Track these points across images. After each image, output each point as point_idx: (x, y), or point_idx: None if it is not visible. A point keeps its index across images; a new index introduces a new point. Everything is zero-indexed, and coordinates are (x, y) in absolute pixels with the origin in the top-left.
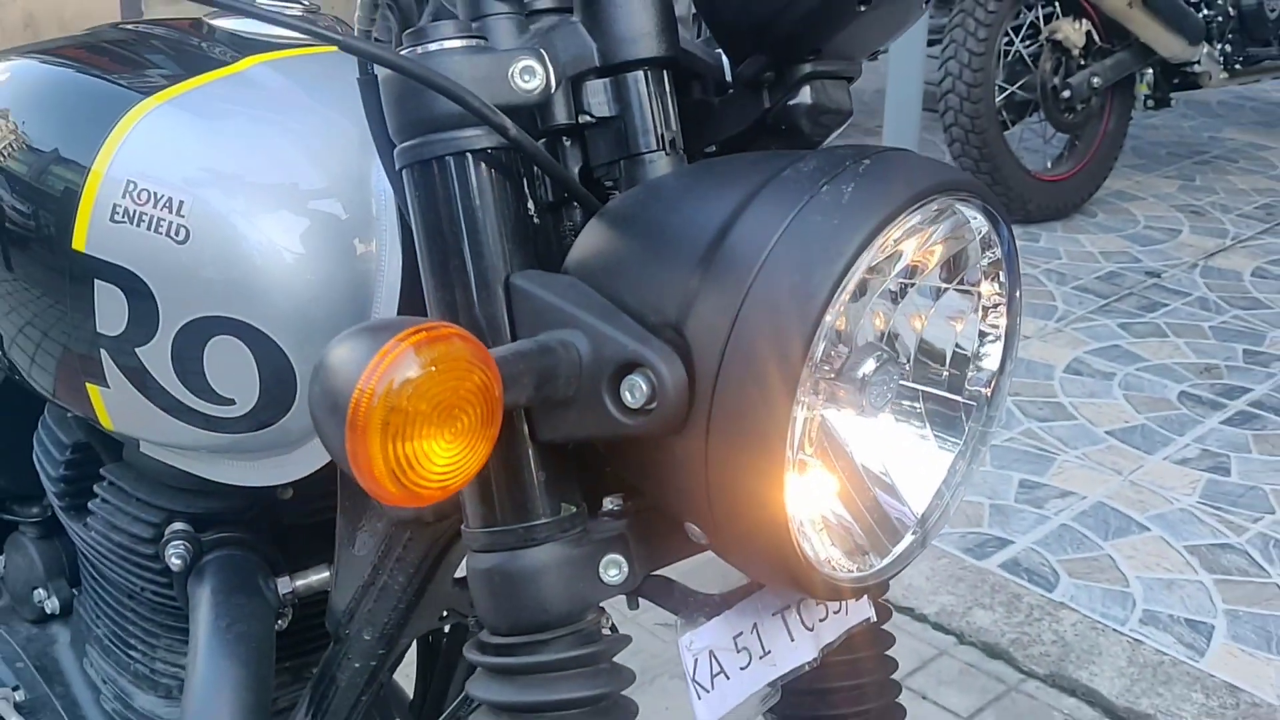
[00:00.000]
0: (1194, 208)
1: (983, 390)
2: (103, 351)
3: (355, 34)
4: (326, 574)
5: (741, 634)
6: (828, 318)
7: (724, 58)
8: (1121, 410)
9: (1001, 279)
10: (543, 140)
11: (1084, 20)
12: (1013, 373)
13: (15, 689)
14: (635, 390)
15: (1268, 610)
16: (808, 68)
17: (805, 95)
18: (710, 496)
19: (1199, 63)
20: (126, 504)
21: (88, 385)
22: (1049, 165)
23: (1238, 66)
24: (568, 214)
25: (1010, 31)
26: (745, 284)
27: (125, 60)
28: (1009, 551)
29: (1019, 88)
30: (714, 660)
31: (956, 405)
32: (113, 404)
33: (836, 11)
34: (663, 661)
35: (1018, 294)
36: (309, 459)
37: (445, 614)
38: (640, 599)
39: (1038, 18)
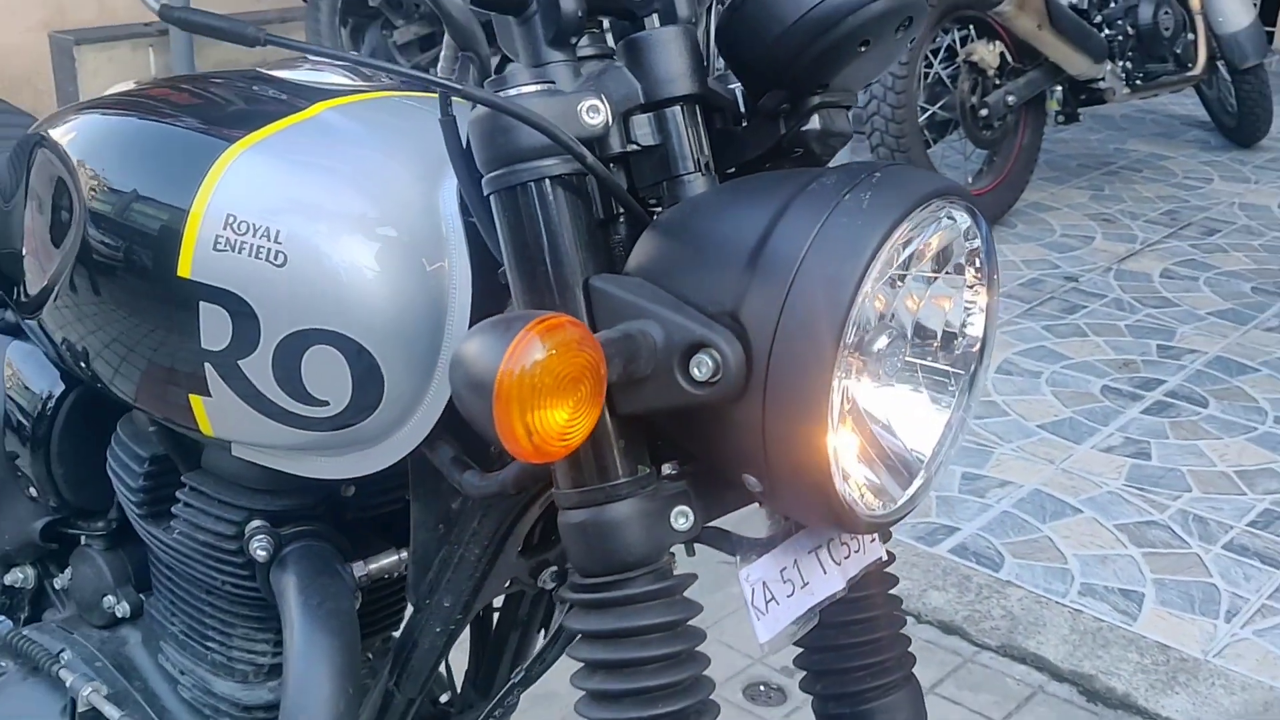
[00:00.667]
0: (1105, 216)
1: (971, 356)
2: (207, 365)
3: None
4: (394, 558)
5: (785, 568)
6: (856, 303)
7: (738, 93)
8: (1050, 405)
9: (979, 263)
10: None
11: (997, 42)
12: (994, 341)
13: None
14: (702, 367)
15: (1190, 577)
16: (816, 99)
17: (815, 122)
18: (767, 452)
19: (1103, 79)
20: (209, 506)
21: (190, 396)
22: (970, 180)
23: (1138, 82)
24: (614, 227)
25: (929, 55)
26: (788, 277)
27: (204, 111)
28: (957, 538)
29: (939, 108)
30: (766, 589)
31: (947, 372)
32: (214, 412)
33: (842, 53)
34: None
35: (995, 276)
36: (387, 453)
37: (510, 583)
38: (697, 545)
39: (954, 41)
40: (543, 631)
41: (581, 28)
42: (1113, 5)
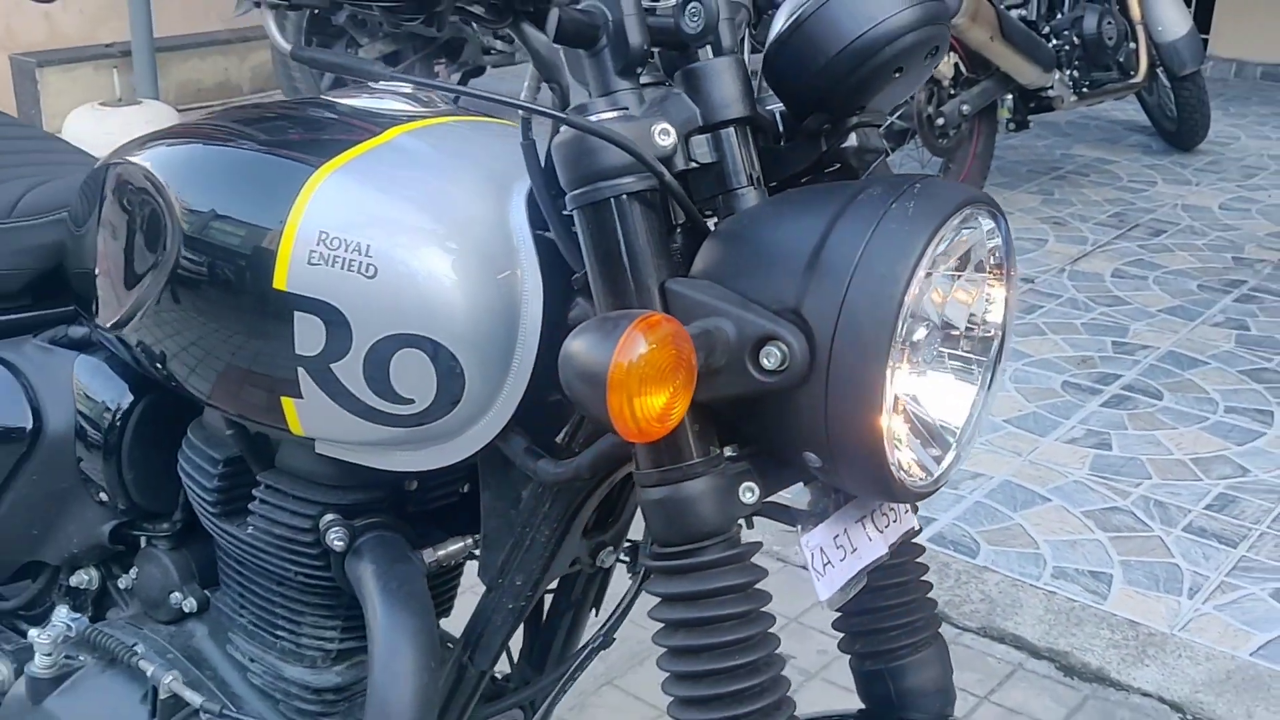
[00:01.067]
0: (1056, 219)
1: (991, 343)
2: (300, 369)
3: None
4: (460, 545)
5: (838, 535)
6: (907, 299)
7: (776, 114)
8: (1015, 401)
9: (998, 258)
10: None
11: (952, 54)
12: (1012, 329)
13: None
14: (771, 357)
15: (1154, 558)
16: (854, 120)
17: (852, 140)
18: (829, 432)
19: (1052, 88)
20: (285, 502)
21: (282, 399)
22: None
23: (1085, 90)
24: (672, 237)
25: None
26: (846, 277)
27: (286, 138)
28: (934, 528)
29: (897, 117)
30: (823, 554)
31: (970, 359)
32: (305, 412)
33: (879, 79)
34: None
35: (1013, 272)
36: (464, 447)
37: (574, 562)
38: (756, 517)
39: None
40: (594, 611)
41: (645, 60)
42: (1060, 17)
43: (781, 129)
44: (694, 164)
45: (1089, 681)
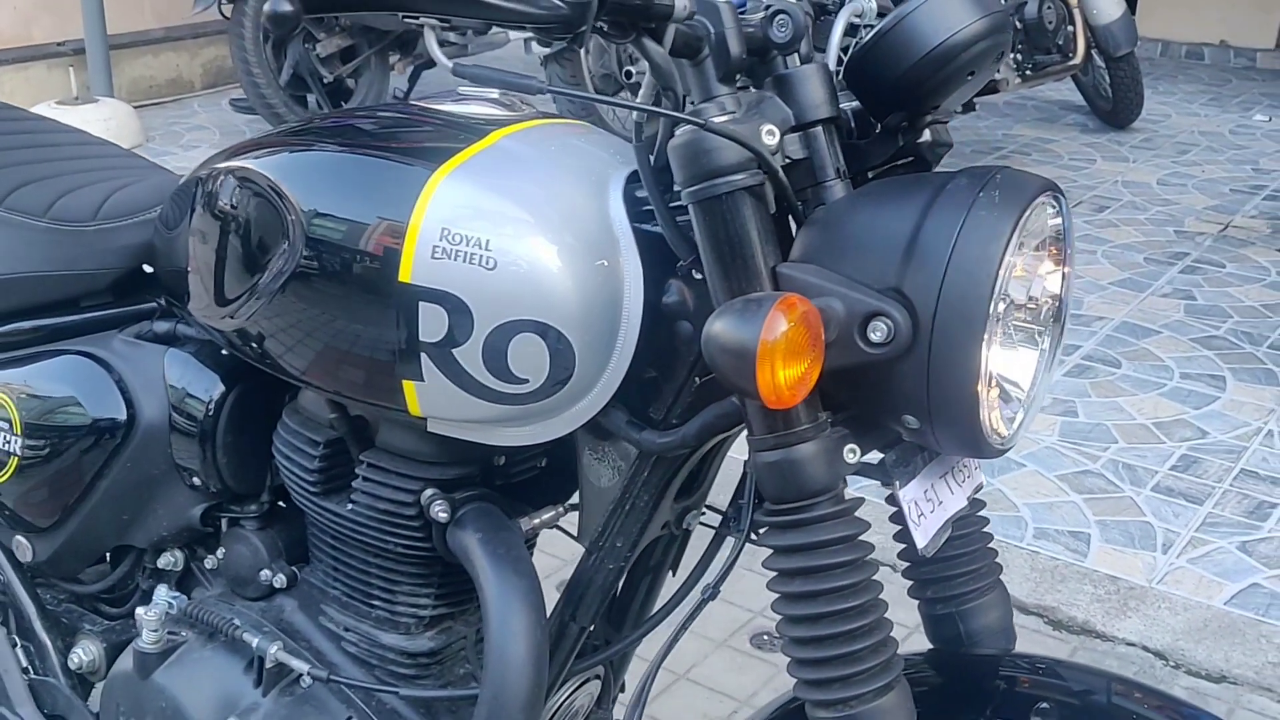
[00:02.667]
0: None
1: (1053, 314)
2: (422, 355)
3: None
4: (553, 512)
5: (927, 490)
6: (1000, 277)
7: (848, 112)
8: None
9: (1059, 236)
10: None
11: None
12: (1071, 303)
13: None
14: (878, 331)
15: (1127, 517)
16: (929, 117)
17: (926, 135)
18: (930, 397)
19: (999, 70)
20: (388, 479)
21: (404, 382)
22: None
23: (1028, 72)
24: None
25: (841, 53)
26: (945, 259)
27: (398, 143)
28: None
29: None
30: (917, 506)
31: (1034, 328)
32: (424, 394)
33: (955, 81)
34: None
35: (1070, 250)
36: (570, 421)
37: (665, 525)
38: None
39: (863, 38)
40: (671, 573)
41: (742, 68)
42: (1003, 2)
43: (853, 126)
44: (788, 160)
45: (1076, 634)
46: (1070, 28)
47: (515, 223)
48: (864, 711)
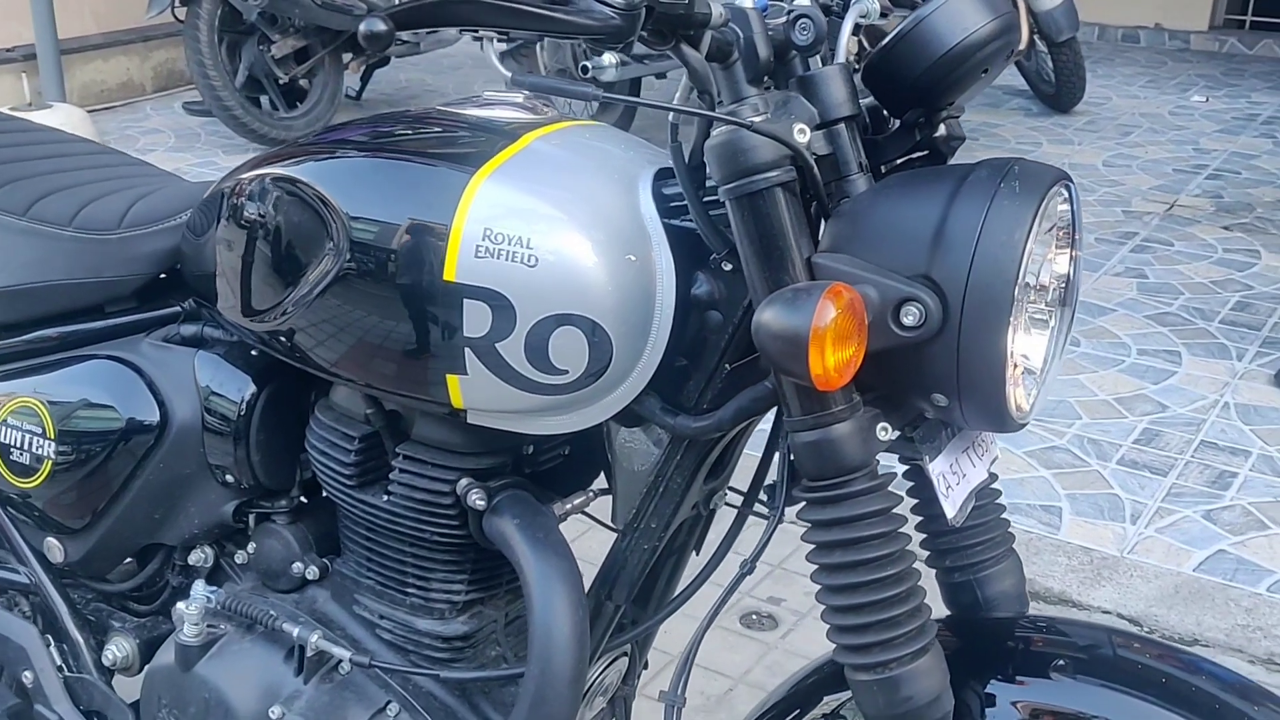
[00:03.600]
0: None
1: (1063, 297)
2: (466, 349)
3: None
4: (581, 499)
5: (953, 464)
6: (1024, 262)
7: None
8: None
9: (1069, 223)
10: None
11: (855, 38)
12: (1079, 287)
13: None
14: (910, 316)
15: (1095, 490)
16: (944, 113)
17: (941, 130)
18: (959, 376)
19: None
20: (425, 469)
21: (447, 376)
22: None
23: None
24: None
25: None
26: (972, 245)
27: (434, 148)
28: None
29: None
30: (945, 479)
31: (1045, 309)
32: (467, 386)
33: (970, 78)
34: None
35: (1079, 235)
36: (606, 409)
37: (694, 506)
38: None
39: None
40: (695, 553)
41: (769, 70)
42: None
43: (869, 122)
44: (814, 155)
45: (1054, 604)
46: None
47: (553, 221)
48: (903, 673)
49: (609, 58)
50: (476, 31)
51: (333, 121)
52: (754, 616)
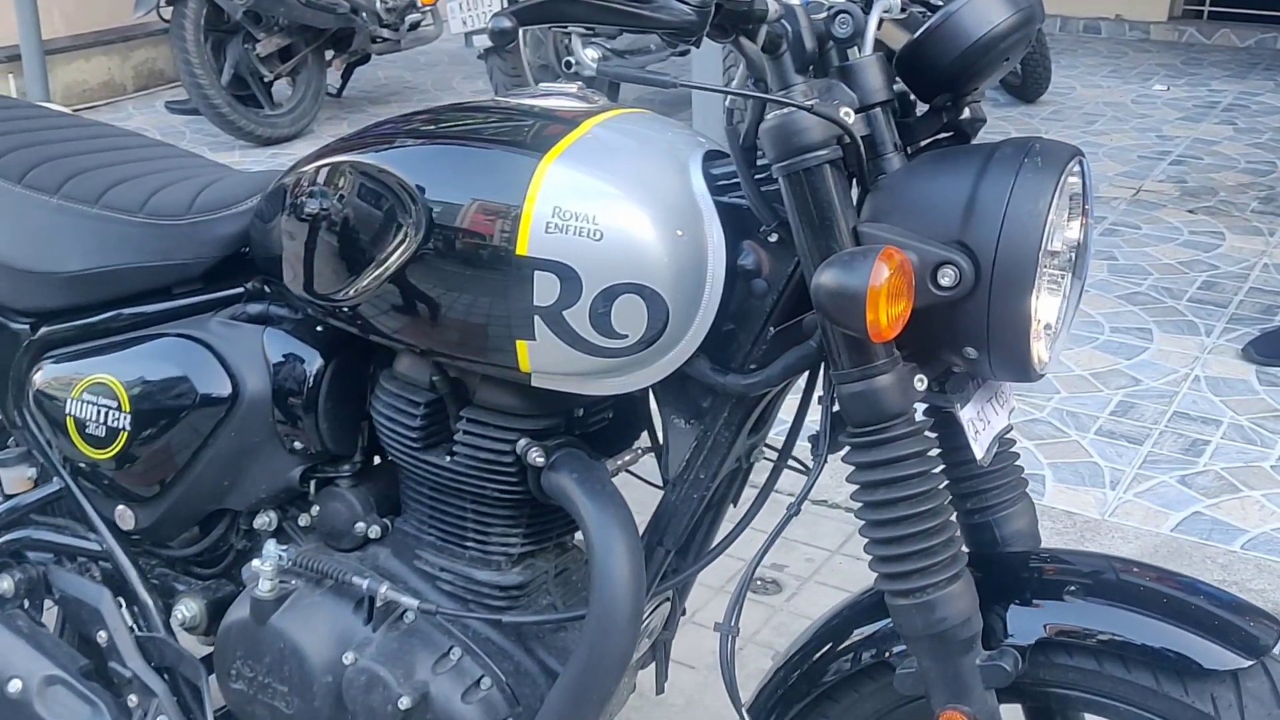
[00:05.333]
0: None
1: (1075, 260)
2: (535, 317)
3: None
4: (630, 455)
5: (980, 411)
6: (1047, 228)
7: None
8: None
9: (1082, 195)
10: None
11: None
12: (1092, 249)
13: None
14: (947, 277)
15: (1076, 459)
16: (969, 98)
17: (966, 113)
18: (989, 331)
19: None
20: (488, 431)
21: (517, 342)
22: None
23: None
24: None
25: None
26: (1000, 215)
27: (502, 136)
28: None
29: None
30: (973, 424)
31: (1060, 273)
32: (535, 351)
33: (994, 66)
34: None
35: (1089, 205)
36: (661, 370)
37: (738, 459)
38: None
39: None
40: (733, 504)
41: (814, 61)
42: None
43: (898, 106)
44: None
45: None
46: None
47: (617, 199)
48: (938, 597)
49: (590, 53)
50: (565, 27)
51: (316, 119)
52: (759, 582)
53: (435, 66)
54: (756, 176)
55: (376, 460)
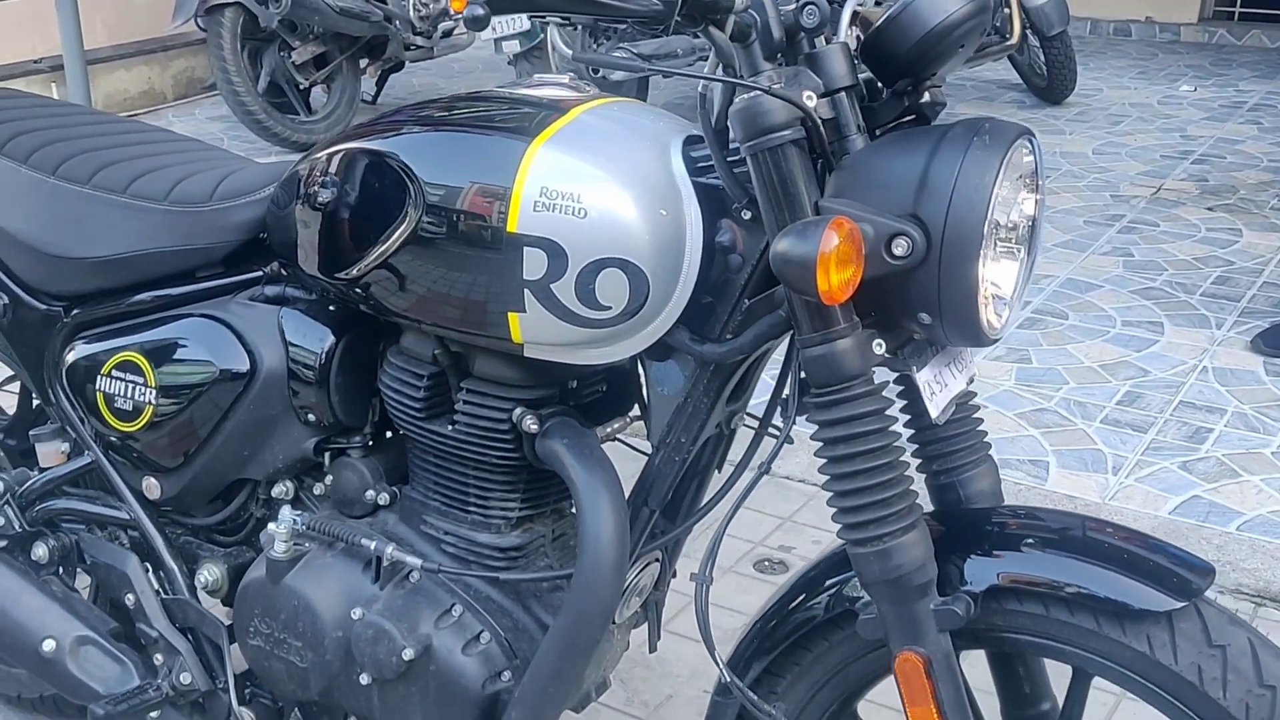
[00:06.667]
0: None
1: (1029, 234)
2: (525, 290)
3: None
4: (617, 424)
5: (937, 374)
6: (993, 202)
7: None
8: None
9: (1033, 172)
10: None
11: (853, 29)
12: (1042, 224)
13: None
14: (900, 247)
15: (1080, 446)
16: (928, 82)
17: (926, 96)
18: (940, 297)
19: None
20: (485, 400)
21: (508, 314)
22: None
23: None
24: None
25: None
26: (950, 189)
27: (494, 123)
28: None
29: None
30: (929, 385)
31: (1015, 249)
32: (526, 323)
33: (949, 53)
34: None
35: (1042, 182)
36: (643, 340)
37: (718, 425)
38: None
39: None
40: (718, 470)
41: (781, 49)
42: None
43: (866, 92)
44: (819, 118)
45: None
46: (1006, 10)
47: (600, 180)
48: (894, 545)
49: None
50: (544, 17)
51: (351, 125)
52: (766, 562)
53: (469, 74)
54: (730, 159)
55: (385, 433)
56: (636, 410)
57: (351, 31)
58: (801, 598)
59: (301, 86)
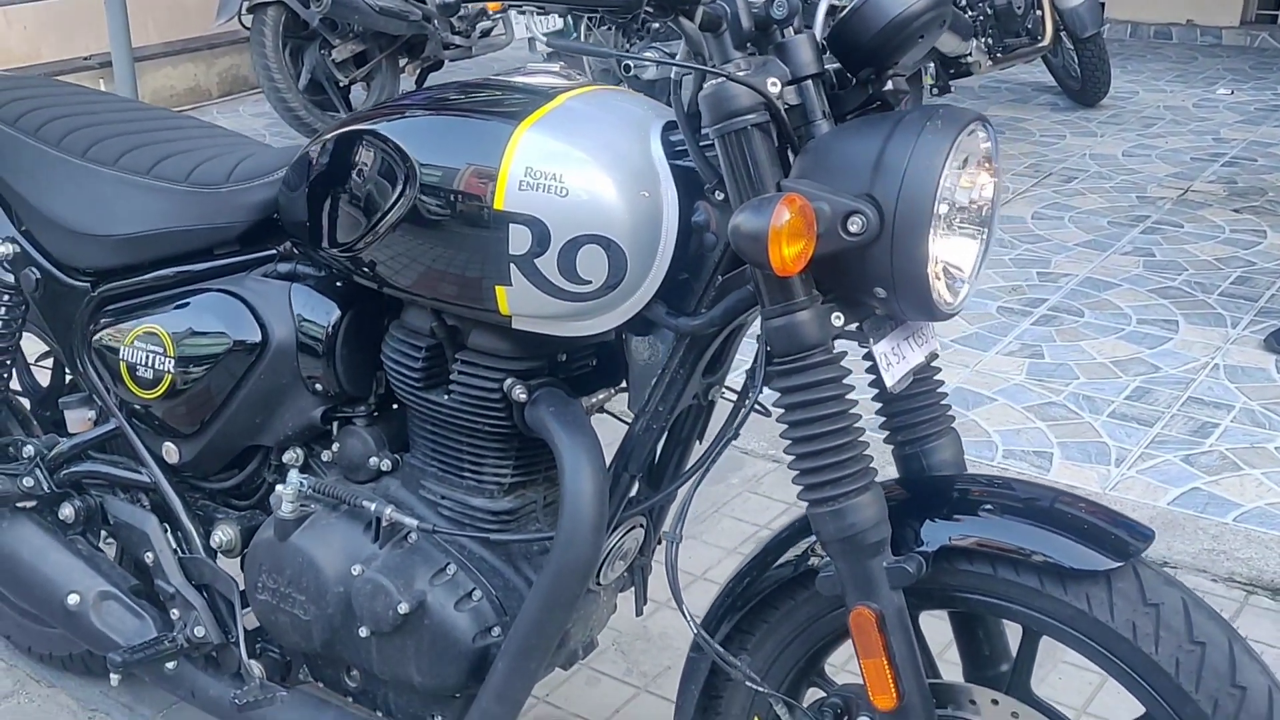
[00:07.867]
0: None
1: (986, 216)
2: (511, 265)
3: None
4: (603, 395)
5: (895, 347)
6: (942, 183)
7: (830, 71)
8: (958, 324)
9: (989, 156)
10: None
11: None
12: (999, 206)
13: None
14: (855, 224)
15: (1084, 439)
16: (890, 72)
17: (889, 85)
18: (893, 271)
19: (970, 55)
20: (478, 371)
21: (496, 287)
22: None
23: (999, 55)
24: None
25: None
26: (902, 170)
27: (485, 107)
28: None
29: None
30: (885, 357)
31: (974, 230)
32: (512, 296)
33: (910, 42)
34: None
35: (998, 165)
36: (622, 314)
37: (695, 396)
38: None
39: None
40: (698, 440)
41: (751, 38)
42: None
43: (834, 80)
44: (787, 105)
45: None
46: (1038, 11)
47: (581, 161)
48: (849, 505)
49: (649, 55)
50: (521, 7)
51: None
52: None
53: None
54: (702, 143)
55: (388, 404)
56: (624, 385)
57: (390, 30)
58: (771, 558)
59: (342, 84)
